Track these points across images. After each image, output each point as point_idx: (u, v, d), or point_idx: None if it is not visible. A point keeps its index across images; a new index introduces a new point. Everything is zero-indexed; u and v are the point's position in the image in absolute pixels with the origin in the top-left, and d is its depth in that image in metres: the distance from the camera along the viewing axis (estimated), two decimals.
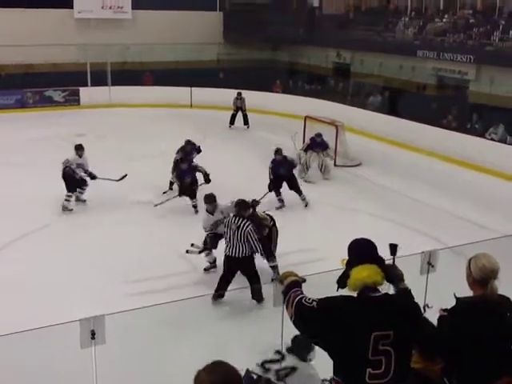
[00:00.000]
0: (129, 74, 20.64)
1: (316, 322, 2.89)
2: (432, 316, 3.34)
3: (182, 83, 19.96)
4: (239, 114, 17.99)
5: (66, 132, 16.49)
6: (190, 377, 2.24)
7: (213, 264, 8.15)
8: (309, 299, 2.96)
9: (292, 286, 3.11)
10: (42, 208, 10.39)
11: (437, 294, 4.34)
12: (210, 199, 8.14)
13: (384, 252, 3.25)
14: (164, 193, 11.24)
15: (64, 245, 8.94)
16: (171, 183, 11.45)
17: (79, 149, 10.63)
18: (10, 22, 20.18)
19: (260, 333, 5.68)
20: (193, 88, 20.45)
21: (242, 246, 7.06)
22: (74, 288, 7.44)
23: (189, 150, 11.84)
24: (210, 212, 8.13)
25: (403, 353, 2.85)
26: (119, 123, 18.11)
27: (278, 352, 4.44)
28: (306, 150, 13.10)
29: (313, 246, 8.72)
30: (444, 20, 17.78)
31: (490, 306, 3.09)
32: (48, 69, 20.10)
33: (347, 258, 3.05)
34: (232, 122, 18.19)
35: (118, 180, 10.86)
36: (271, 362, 4.49)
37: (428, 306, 4.32)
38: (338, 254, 8.21)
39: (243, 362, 5.91)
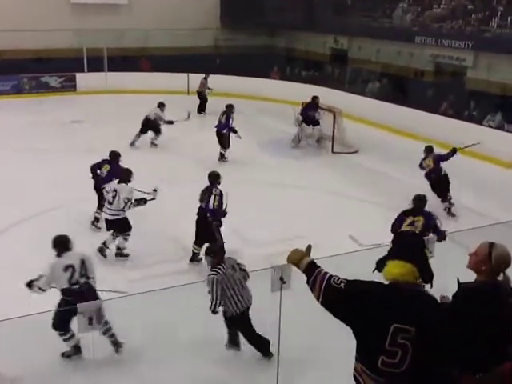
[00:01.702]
0: (125, 60, 20.54)
1: (342, 304, 2.94)
2: None
3: (179, 69, 19.87)
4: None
5: (63, 118, 16.45)
6: (185, 364, 2.25)
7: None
8: (338, 279, 2.99)
9: (313, 266, 3.13)
10: (43, 192, 10.41)
11: (434, 280, 4.36)
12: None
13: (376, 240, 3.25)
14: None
15: (61, 231, 8.92)
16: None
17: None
18: (5, 8, 19.99)
19: (258, 318, 5.70)
20: (190, 74, 20.36)
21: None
22: None
23: None
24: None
25: (424, 351, 2.82)
26: (116, 109, 18.04)
27: None
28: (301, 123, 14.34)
29: (305, 232, 8.73)
30: (442, 6, 17.69)
31: (492, 292, 3.11)
32: (44, 54, 19.95)
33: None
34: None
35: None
36: None
37: None
38: (334, 240, 8.26)
39: (241, 347, 5.97)
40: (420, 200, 7.29)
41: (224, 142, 12.96)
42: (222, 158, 12.94)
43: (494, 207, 10.14)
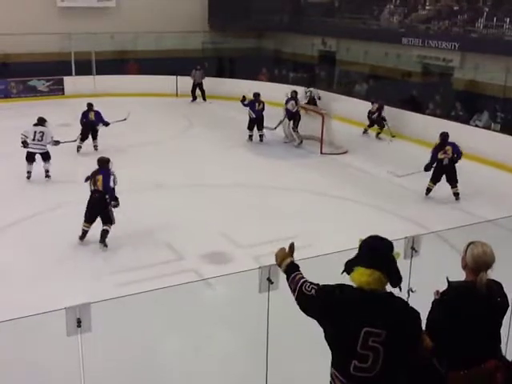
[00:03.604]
0: (113, 63, 20.50)
1: (314, 310, 2.99)
2: (415, 300, 3.38)
3: (168, 72, 19.88)
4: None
5: (51, 122, 16.34)
6: (177, 364, 2.26)
7: None
8: (309, 286, 3.04)
9: (290, 269, 3.21)
10: (30, 197, 10.38)
11: (420, 279, 4.40)
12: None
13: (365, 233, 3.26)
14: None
15: (51, 233, 8.93)
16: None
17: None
18: None
19: (246, 319, 5.71)
20: (178, 77, 20.39)
21: None
22: (61, 276, 7.45)
23: None
24: None
25: (395, 354, 2.84)
26: (104, 112, 17.95)
27: None
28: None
29: (296, 233, 8.73)
30: (428, 7, 17.80)
31: (480, 291, 3.13)
32: (31, 58, 19.84)
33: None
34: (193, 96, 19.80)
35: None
36: None
37: (412, 291, 4.39)
38: (321, 241, 8.31)
39: (230, 347, 5.98)
40: (446, 135, 10.74)
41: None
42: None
43: (481, 206, 10.21)
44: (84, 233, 8.61)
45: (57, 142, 11.89)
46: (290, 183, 11.61)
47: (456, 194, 10.68)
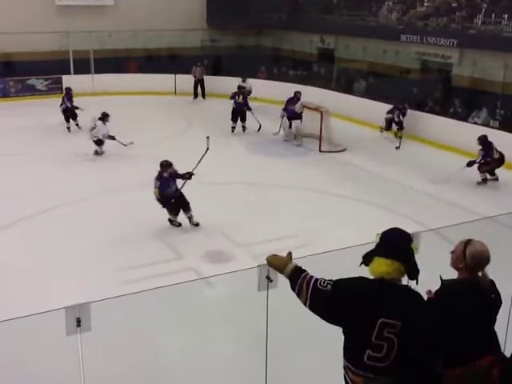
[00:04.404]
0: (112, 62, 20.47)
1: (330, 306, 2.95)
2: None
3: (166, 70, 19.87)
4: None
5: (50, 121, 16.38)
6: (177, 362, 2.27)
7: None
8: (324, 282, 3.00)
9: (298, 271, 3.13)
10: (30, 196, 10.39)
11: (420, 276, 4.40)
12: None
13: (365, 238, 3.27)
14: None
15: (50, 231, 8.94)
16: None
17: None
18: None
19: (246, 317, 5.72)
20: (177, 75, 20.38)
21: None
22: (61, 275, 7.46)
23: None
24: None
25: (409, 346, 2.87)
26: (103, 111, 17.95)
27: None
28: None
29: (295, 231, 8.77)
30: (427, 4, 17.78)
31: (474, 288, 3.15)
32: (30, 57, 19.83)
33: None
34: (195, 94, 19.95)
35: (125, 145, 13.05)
36: None
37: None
38: (322, 239, 8.31)
39: (230, 346, 5.99)
40: (484, 138, 11.58)
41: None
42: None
43: (480, 203, 10.22)
44: (173, 221, 9.30)
45: (111, 137, 13.02)
46: (289, 181, 11.62)
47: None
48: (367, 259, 3.01)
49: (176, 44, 21.65)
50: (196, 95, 20.19)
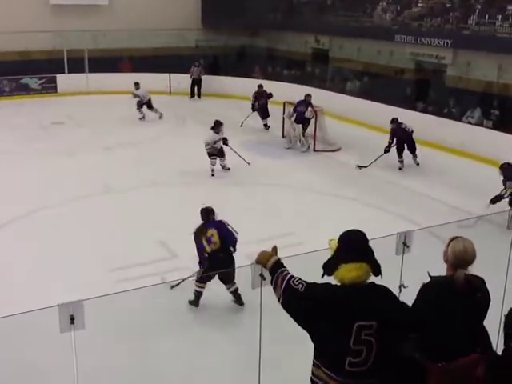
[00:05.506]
0: (106, 61, 20.43)
1: (301, 306, 2.91)
2: (407, 296, 3.40)
3: (161, 70, 19.85)
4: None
5: (44, 120, 16.35)
6: (170, 361, 2.27)
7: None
8: (297, 281, 2.97)
9: (277, 266, 3.11)
10: (29, 195, 10.37)
11: (412, 275, 4.42)
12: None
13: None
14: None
15: (48, 231, 8.92)
16: None
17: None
18: None
19: (240, 314, 5.73)
20: (171, 74, 20.37)
21: None
22: (55, 273, 7.45)
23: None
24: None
25: (386, 343, 2.88)
26: (97, 110, 17.95)
27: None
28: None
29: (291, 230, 8.79)
30: (421, 5, 17.83)
31: (447, 287, 3.14)
32: (24, 56, 19.79)
33: (335, 238, 3.03)
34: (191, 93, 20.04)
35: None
36: None
37: (404, 286, 4.42)
38: (317, 238, 8.31)
39: (224, 346, 6.00)
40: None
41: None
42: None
43: (473, 202, 10.25)
44: (199, 294, 6.79)
45: (225, 140, 12.13)
46: (285, 181, 11.63)
47: None
48: (330, 268, 2.94)
49: (170, 44, 21.64)
50: (193, 95, 20.21)
